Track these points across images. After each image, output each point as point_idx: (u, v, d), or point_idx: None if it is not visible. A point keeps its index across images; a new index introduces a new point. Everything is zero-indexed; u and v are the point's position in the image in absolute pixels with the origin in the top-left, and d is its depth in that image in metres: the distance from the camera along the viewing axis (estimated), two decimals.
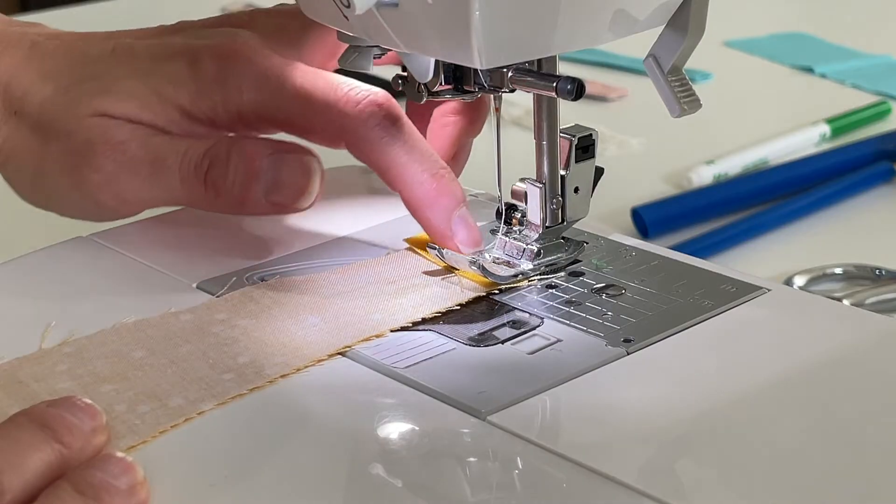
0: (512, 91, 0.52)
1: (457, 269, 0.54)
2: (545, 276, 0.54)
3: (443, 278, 0.54)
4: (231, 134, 0.59)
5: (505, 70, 0.51)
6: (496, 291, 0.53)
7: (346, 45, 0.56)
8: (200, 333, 0.50)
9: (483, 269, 0.53)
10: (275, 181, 0.56)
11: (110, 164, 0.57)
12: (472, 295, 0.53)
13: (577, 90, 0.50)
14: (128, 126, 0.57)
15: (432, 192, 0.54)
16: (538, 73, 0.51)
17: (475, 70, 0.52)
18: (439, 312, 0.51)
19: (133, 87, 0.58)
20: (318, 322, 0.51)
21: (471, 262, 0.53)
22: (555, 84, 0.50)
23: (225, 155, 0.57)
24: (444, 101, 0.60)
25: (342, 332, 0.50)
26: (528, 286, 0.54)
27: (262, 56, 0.58)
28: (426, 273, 0.54)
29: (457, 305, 0.52)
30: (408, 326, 0.51)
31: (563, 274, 0.55)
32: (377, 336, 0.50)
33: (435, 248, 0.54)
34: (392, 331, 0.50)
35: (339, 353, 0.49)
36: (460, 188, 0.55)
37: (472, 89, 0.53)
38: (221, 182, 0.56)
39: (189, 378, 0.47)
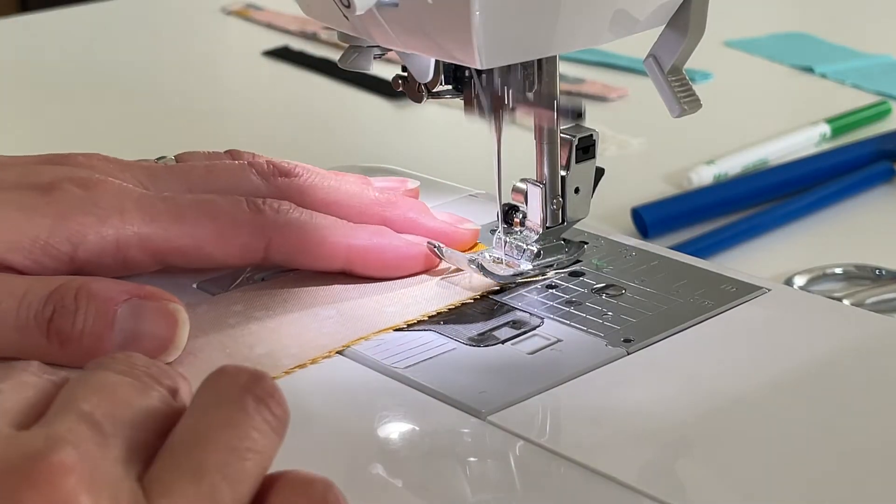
0: (513, 113, 0.52)
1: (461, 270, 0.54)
2: (545, 277, 0.54)
3: (442, 278, 0.54)
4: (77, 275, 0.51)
5: (506, 98, 0.52)
6: (496, 291, 0.53)
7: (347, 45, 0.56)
8: (217, 324, 0.50)
9: (482, 269, 0.53)
10: (133, 332, 0.48)
11: None
12: (476, 294, 0.53)
13: (576, 115, 0.51)
14: None
15: (369, 241, 0.54)
16: (538, 98, 0.52)
17: (477, 97, 0.52)
18: (453, 306, 0.52)
19: None
20: (333, 314, 0.51)
21: (470, 261, 0.53)
22: (555, 109, 0.51)
23: (72, 299, 0.47)
24: None
25: (357, 324, 0.50)
26: (529, 286, 0.54)
27: (130, 187, 0.52)
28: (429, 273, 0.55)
29: (470, 299, 0.52)
30: (408, 327, 0.51)
31: (563, 274, 0.55)
32: (393, 329, 0.50)
33: (435, 247, 0.54)
34: (395, 329, 0.50)
35: (338, 353, 0.49)
36: (383, 228, 0.55)
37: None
38: (68, 331, 0.47)
39: (206, 368, 0.47)
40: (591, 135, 0.54)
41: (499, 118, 0.53)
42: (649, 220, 0.71)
